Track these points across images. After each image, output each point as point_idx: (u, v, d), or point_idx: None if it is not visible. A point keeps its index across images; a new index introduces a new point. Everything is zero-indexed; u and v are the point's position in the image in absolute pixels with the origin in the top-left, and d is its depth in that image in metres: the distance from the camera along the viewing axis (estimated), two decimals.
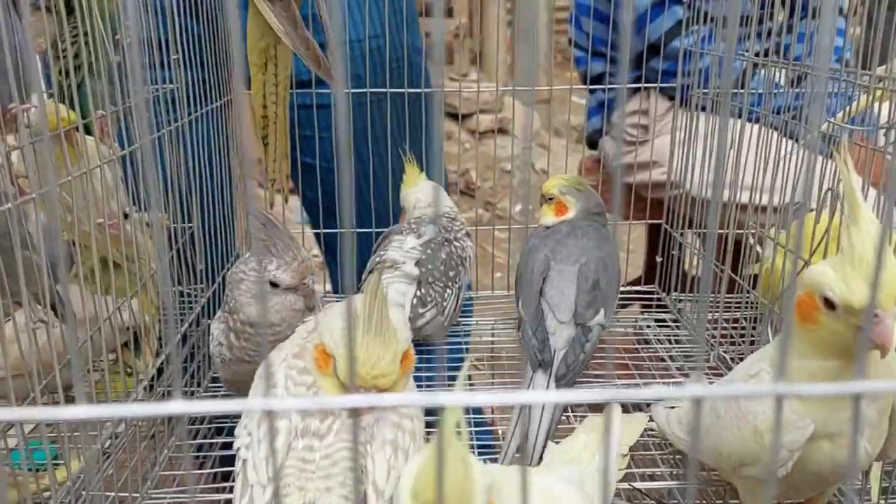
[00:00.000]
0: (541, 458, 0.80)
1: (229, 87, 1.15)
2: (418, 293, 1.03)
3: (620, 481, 0.78)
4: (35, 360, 0.65)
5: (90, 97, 0.87)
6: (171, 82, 0.97)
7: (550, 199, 1.19)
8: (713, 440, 0.71)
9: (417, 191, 1.15)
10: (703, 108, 1.21)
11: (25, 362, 0.64)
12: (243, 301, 0.80)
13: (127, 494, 0.73)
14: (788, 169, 1.01)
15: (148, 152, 0.28)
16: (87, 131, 0.93)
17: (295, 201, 1.58)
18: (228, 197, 1.16)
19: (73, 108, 0.81)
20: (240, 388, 0.85)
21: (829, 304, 0.59)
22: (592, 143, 1.81)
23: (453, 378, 1.03)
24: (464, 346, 1.11)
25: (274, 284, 0.79)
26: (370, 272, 1.07)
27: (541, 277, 1.07)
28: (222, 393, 0.95)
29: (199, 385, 0.97)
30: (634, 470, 0.80)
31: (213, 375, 0.99)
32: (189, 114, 1.01)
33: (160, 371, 0.88)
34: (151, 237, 0.91)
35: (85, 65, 0.85)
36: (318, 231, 1.34)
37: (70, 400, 0.92)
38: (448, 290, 1.07)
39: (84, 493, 0.71)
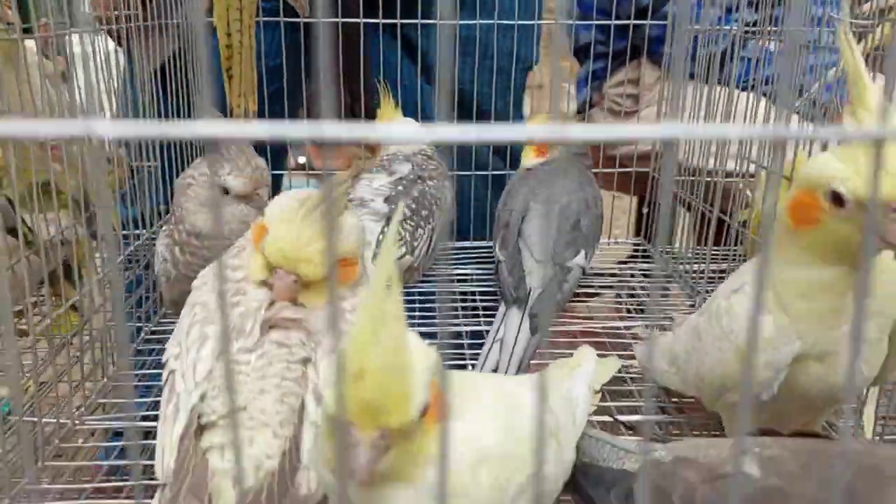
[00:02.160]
0: None
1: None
2: (386, 230, 0.97)
3: (598, 413, 0.72)
4: None
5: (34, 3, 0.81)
6: None
7: None
8: (695, 366, 0.65)
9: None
10: (692, 76, 1.16)
11: None
12: (190, 208, 0.73)
13: (54, 420, 0.67)
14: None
15: None
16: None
17: None
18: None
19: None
20: None
21: (838, 201, 0.52)
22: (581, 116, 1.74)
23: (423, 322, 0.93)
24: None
25: (224, 191, 0.72)
26: None
27: (520, 218, 1.01)
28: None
29: (148, 320, 0.91)
30: (611, 403, 0.75)
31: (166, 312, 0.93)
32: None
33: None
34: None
35: None
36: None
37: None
38: (420, 230, 1.01)
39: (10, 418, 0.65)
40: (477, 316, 0.96)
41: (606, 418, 0.74)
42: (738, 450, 0.46)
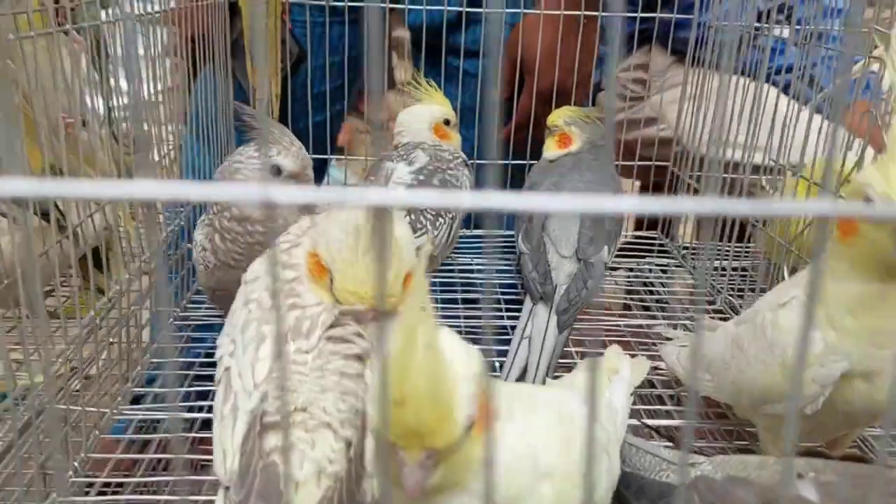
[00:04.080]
0: None
1: None
2: (408, 220, 0.96)
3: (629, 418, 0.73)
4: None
5: None
6: None
7: (554, 130, 1.13)
8: (734, 375, 0.66)
9: (407, 113, 1.08)
10: (700, 62, 1.16)
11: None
12: None
13: (95, 409, 0.67)
14: (795, 129, 0.95)
15: None
16: None
17: None
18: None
19: None
20: (224, 297, 0.78)
21: None
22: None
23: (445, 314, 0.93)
24: (458, 282, 1.04)
25: (277, 170, 0.72)
26: None
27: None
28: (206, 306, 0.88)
29: (177, 306, 0.91)
30: (640, 407, 0.76)
31: (196, 289, 0.92)
32: None
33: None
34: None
35: None
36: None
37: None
38: (440, 219, 1.01)
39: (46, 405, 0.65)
40: (499, 309, 0.96)
41: (633, 422, 0.75)
42: (788, 473, 0.47)
